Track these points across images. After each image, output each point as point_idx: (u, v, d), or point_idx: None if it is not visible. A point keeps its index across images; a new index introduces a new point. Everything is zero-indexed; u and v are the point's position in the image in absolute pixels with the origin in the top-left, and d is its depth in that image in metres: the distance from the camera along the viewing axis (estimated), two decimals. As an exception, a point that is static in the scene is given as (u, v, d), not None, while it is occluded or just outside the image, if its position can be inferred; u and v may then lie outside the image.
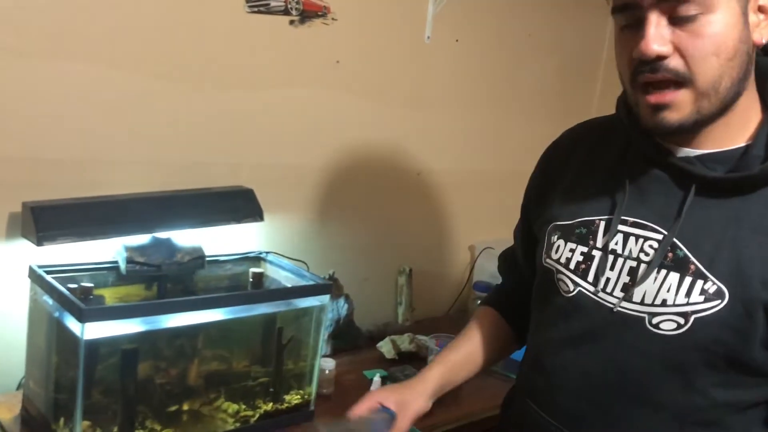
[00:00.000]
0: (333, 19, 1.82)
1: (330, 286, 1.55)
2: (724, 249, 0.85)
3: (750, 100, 0.88)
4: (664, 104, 0.85)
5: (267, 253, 1.67)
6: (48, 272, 1.33)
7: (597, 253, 0.96)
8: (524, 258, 1.22)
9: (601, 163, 1.01)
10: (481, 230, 2.33)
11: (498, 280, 1.42)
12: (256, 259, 1.66)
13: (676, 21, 0.82)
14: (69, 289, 1.26)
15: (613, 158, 1.00)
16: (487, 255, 2.22)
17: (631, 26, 0.85)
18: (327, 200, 1.94)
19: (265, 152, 1.79)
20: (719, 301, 0.85)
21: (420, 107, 2.08)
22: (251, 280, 1.58)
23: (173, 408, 1.37)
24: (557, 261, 1.01)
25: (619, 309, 0.92)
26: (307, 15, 1.77)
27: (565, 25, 2.39)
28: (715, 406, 0.88)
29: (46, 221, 1.34)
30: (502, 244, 2.17)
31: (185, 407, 1.39)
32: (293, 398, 1.52)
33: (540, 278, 1.06)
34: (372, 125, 1.99)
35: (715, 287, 0.85)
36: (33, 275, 1.34)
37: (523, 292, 1.17)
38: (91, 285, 1.32)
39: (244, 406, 1.45)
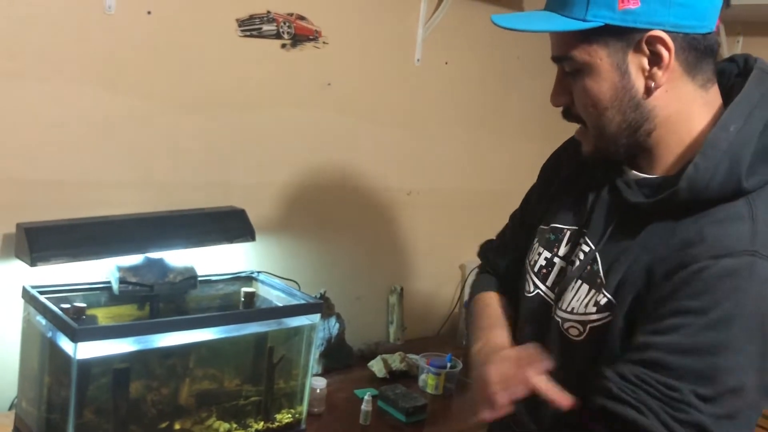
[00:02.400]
0: (324, 42, 1.86)
1: (320, 305, 1.57)
2: (619, 264, 0.92)
3: (685, 132, 0.91)
4: (580, 138, 0.98)
5: (258, 272, 1.68)
6: (41, 292, 1.34)
7: (557, 261, 1.03)
8: (512, 242, 1.24)
9: (582, 178, 1.06)
10: (471, 249, 2.31)
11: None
12: (248, 279, 1.68)
13: (569, 76, 0.93)
14: (62, 309, 1.27)
15: (592, 175, 1.04)
16: (478, 274, 2.24)
17: None
18: (318, 220, 1.97)
19: (256, 173, 1.81)
20: (608, 313, 0.92)
21: (410, 128, 2.11)
22: (243, 299, 1.59)
23: (165, 427, 1.38)
24: (529, 262, 1.08)
25: (554, 314, 1.00)
26: (298, 39, 1.80)
27: (553, 48, 2.43)
28: None
29: (39, 242, 1.36)
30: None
31: (177, 426, 1.40)
32: (284, 417, 1.53)
33: (521, 273, 1.13)
34: (363, 146, 2.01)
35: (605, 300, 0.92)
36: (26, 296, 1.36)
37: (510, 274, 1.20)
38: (84, 305, 1.34)
39: (235, 425, 1.46)
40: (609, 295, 0.91)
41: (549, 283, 1.03)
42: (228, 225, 1.63)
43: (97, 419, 1.30)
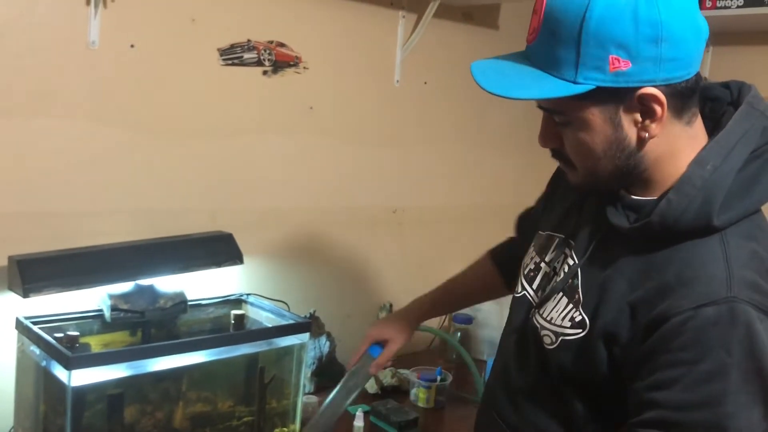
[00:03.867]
0: (305, 67, 1.90)
1: (309, 324, 1.60)
2: (596, 287, 0.95)
3: (673, 165, 0.91)
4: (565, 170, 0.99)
5: (248, 295, 1.72)
6: (35, 323, 1.37)
7: (543, 266, 1.08)
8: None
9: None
10: (458, 264, 2.36)
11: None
12: (237, 302, 1.71)
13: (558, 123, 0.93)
14: (55, 338, 1.30)
15: None
16: (465, 288, 2.27)
17: None
18: (305, 241, 2.00)
19: (242, 197, 1.85)
20: (580, 330, 0.95)
21: (393, 147, 2.16)
22: (233, 322, 1.63)
23: (160, 450, 1.41)
24: (522, 264, 1.14)
25: (533, 317, 1.05)
26: (279, 65, 1.85)
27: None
28: (583, 419, 0.99)
29: (31, 273, 1.39)
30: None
31: (172, 449, 1.43)
32: (277, 436, 1.56)
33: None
34: (347, 167, 2.06)
35: (580, 317, 0.96)
36: (20, 326, 1.39)
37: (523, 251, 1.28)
38: (77, 333, 1.37)
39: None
40: (584, 315, 0.95)
41: (534, 286, 1.08)
42: (216, 249, 1.67)
43: (92, 445, 1.32)
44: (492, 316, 2.20)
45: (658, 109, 0.87)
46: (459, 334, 2.24)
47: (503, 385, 1.12)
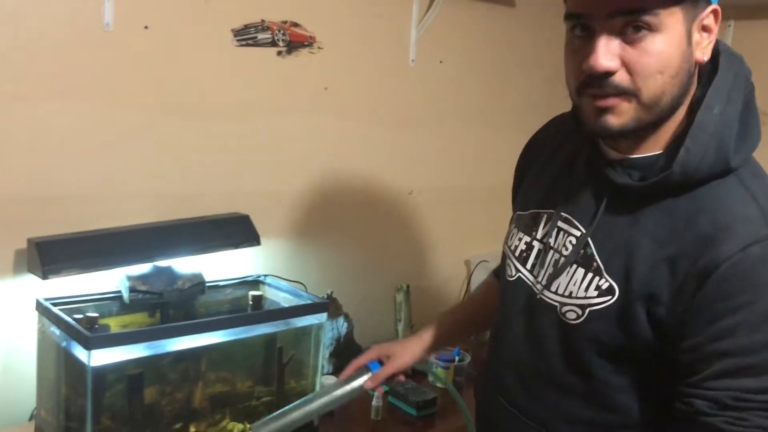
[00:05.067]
0: (319, 47, 1.89)
1: (326, 305, 1.60)
2: (620, 250, 0.92)
3: (681, 113, 0.92)
4: (608, 107, 0.88)
5: (265, 276, 1.72)
6: (54, 304, 1.38)
7: (536, 244, 1.05)
8: None
9: (560, 158, 1.08)
10: (475, 245, 2.38)
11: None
12: (255, 283, 1.71)
13: (626, 37, 0.85)
14: (75, 319, 1.31)
15: (567, 155, 1.07)
16: (483, 269, 2.27)
17: (583, 36, 0.88)
18: (322, 222, 2.00)
19: (259, 179, 1.85)
20: (610, 297, 0.92)
21: (409, 128, 2.14)
22: (251, 303, 1.63)
23: (180, 430, 1.41)
24: (509, 247, 1.10)
25: (541, 296, 1.00)
26: (293, 45, 1.84)
27: (549, 42, 2.46)
28: (615, 391, 0.95)
29: (50, 255, 1.40)
30: (497, 257, 2.22)
31: (192, 429, 1.43)
32: (296, 416, 1.56)
33: (502, 258, 1.16)
34: (362, 147, 2.05)
35: (607, 284, 0.92)
36: (40, 308, 1.40)
37: None
38: (96, 315, 1.38)
39: (249, 426, 1.49)
40: (611, 280, 0.92)
41: (528, 266, 1.05)
42: (233, 231, 1.67)
43: (114, 425, 1.33)
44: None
45: (715, 27, 0.87)
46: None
47: (512, 369, 1.06)
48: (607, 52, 0.85)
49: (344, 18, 1.93)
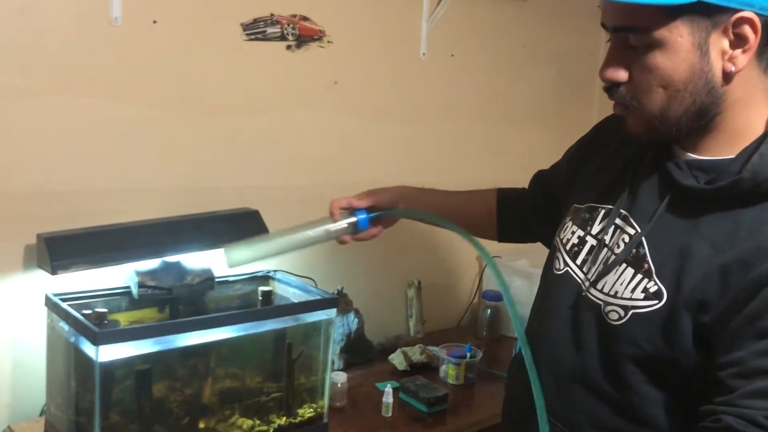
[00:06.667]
0: (329, 41, 1.88)
1: (336, 300, 1.59)
2: (674, 254, 0.89)
3: (744, 117, 0.89)
4: (621, 115, 0.91)
5: (275, 271, 1.71)
6: (63, 300, 1.38)
7: (589, 239, 1.01)
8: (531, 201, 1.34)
9: (624, 157, 1.05)
10: (486, 240, 2.35)
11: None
12: (265, 278, 1.70)
13: (634, 50, 0.86)
14: (83, 314, 1.31)
15: (633, 155, 1.03)
16: (495, 264, 2.24)
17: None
18: (332, 218, 1.98)
19: (268, 174, 1.84)
20: (656, 301, 0.89)
21: (419, 122, 2.13)
22: (260, 298, 1.62)
23: (189, 427, 1.41)
24: (560, 240, 1.07)
25: (587, 293, 0.97)
26: (303, 39, 1.83)
27: (561, 34, 2.43)
28: (647, 403, 0.92)
29: (59, 251, 1.39)
30: (509, 254, 2.21)
31: (201, 425, 1.43)
32: (306, 412, 1.56)
33: (550, 250, 1.13)
34: (372, 142, 2.03)
35: (655, 288, 0.89)
36: (49, 303, 1.39)
37: (528, 207, 1.31)
38: (105, 310, 1.37)
39: (258, 422, 1.48)
40: (660, 285, 0.89)
41: (578, 261, 1.01)
42: (242, 226, 1.66)
43: (122, 420, 1.33)
44: (522, 293, 2.17)
45: (751, 36, 0.82)
46: (489, 311, 2.21)
47: (547, 367, 1.02)
48: (613, 64, 0.87)
49: (354, 11, 1.92)
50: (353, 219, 1.32)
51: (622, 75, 0.87)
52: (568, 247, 1.04)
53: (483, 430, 1.70)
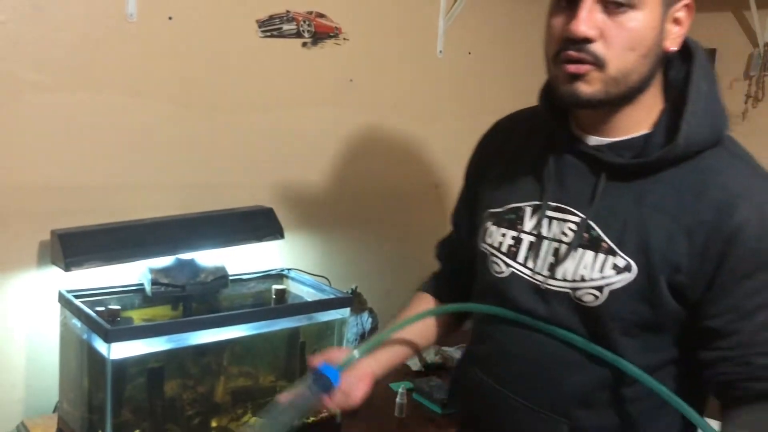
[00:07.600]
0: (345, 39, 1.86)
1: (350, 299, 1.58)
2: (630, 227, 0.94)
3: (653, 94, 0.96)
4: (579, 74, 0.91)
5: (289, 270, 1.70)
6: (76, 296, 1.38)
7: (525, 237, 1.03)
8: (468, 238, 1.20)
9: (529, 152, 1.07)
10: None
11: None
12: (279, 277, 1.69)
13: (608, 10, 0.89)
14: (96, 311, 1.30)
15: (539, 147, 1.05)
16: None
17: (565, 6, 0.91)
18: (346, 216, 1.97)
19: (283, 172, 1.83)
20: (628, 273, 0.93)
21: (435, 120, 2.11)
22: (274, 297, 1.61)
23: (201, 425, 1.40)
24: (491, 245, 1.07)
25: (546, 286, 0.99)
26: (319, 36, 1.81)
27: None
28: (652, 371, 0.95)
29: (73, 247, 1.39)
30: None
31: (213, 424, 1.42)
32: (319, 412, 1.54)
33: (478, 260, 1.12)
34: (388, 140, 2.02)
35: (624, 262, 0.93)
36: (62, 300, 1.39)
37: (463, 276, 1.22)
38: (119, 307, 1.37)
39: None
40: (628, 258, 0.93)
41: (520, 259, 1.03)
42: (257, 224, 1.65)
43: (134, 418, 1.32)
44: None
45: (688, 22, 0.92)
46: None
47: (523, 361, 1.02)
48: (589, 20, 0.89)
49: (370, 8, 1.90)
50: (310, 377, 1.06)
51: (596, 33, 0.89)
52: (504, 249, 1.05)
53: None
